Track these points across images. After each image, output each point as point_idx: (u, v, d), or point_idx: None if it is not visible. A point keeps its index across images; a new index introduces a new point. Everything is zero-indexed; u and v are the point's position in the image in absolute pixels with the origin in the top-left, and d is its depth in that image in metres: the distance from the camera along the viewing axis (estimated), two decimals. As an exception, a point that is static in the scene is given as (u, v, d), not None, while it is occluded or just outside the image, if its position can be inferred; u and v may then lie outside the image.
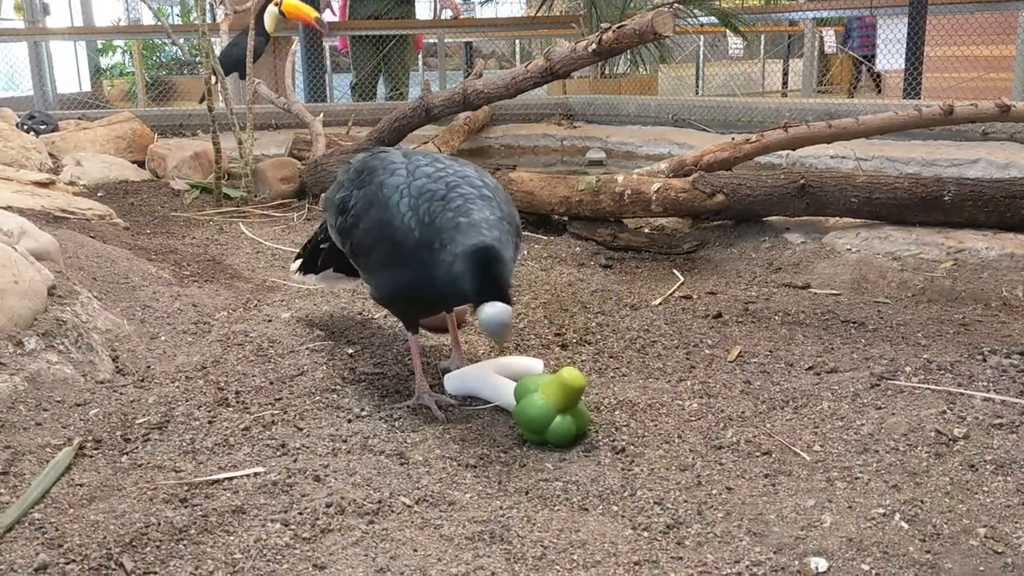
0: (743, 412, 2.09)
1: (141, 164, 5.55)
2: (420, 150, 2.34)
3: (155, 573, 1.48)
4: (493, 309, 1.89)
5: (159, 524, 1.60)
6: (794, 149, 4.11)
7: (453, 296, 2.11)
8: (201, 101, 4.72)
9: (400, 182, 2.09)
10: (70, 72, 10.71)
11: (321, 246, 2.50)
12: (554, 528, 1.60)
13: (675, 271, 3.35)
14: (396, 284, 2.12)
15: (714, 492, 1.73)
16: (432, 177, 2.08)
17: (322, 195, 2.43)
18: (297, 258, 2.68)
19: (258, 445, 1.93)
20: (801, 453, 1.88)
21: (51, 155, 5.26)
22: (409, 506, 1.69)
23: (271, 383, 2.26)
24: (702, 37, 10.59)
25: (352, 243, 2.21)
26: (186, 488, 1.74)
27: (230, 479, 1.78)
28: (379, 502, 1.69)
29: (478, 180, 2.10)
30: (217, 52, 6.08)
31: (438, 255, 1.97)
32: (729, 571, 1.46)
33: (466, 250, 1.93)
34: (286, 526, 1.61)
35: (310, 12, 6.31)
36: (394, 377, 2.33)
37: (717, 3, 8.41)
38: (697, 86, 10.64)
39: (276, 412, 2.09)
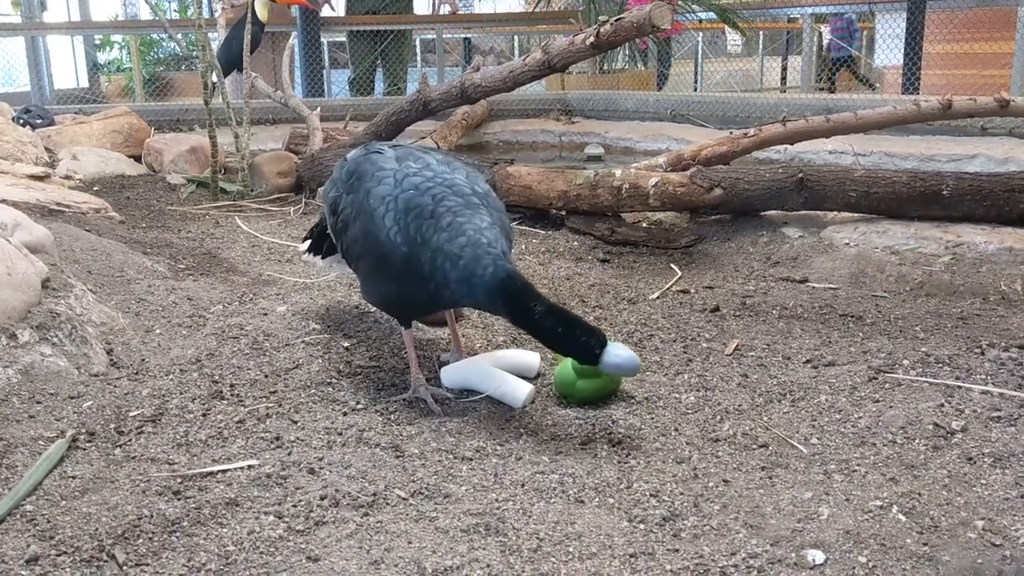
0: (740, 405, 2.08)
1: (137, 158, 5.54)
2: (414, 148, 2.29)
3: (147, 565, 1.47)
4: (620, 353, 1.89)
5: (152, 516, 1.59)
6: (792, 144, 4.10)
7: (447, 305, 2.13)
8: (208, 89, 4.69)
9: (386, 192, 2.06)
10: (67, 68, 10.68)
11: (327, 232, 2.51)
12: (550, 520, 1.59)
13: (673, 265, 3.34)
14: (385, 293, 2.16)
15: (711, 484, 1.72)
16: (420, 189, 2.05)
17: (319, 188, 2.44)
18: (306, 238, 2.70)
19: (252, 438, 1.92)
20: (798, 446, 1.87)
21: (47, 149, 5.25)
22: (404, 499, 1.68)
23: (266, 376, 2.25)
24: (701, 34, 10.58)
25: (344, 246, 2.23)
26: (179, 480, 1.73)
27: (224, 471, 1.77)
28: (374, 495, 1.68)
29: (467, 188, 2.08)
30: (215, 47, 6.06)
31: (438, 272, 1.97)
32: (725, 563, 1.45)
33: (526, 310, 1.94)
34: (280, 518, 1.60)
35: None
36: (390, 370, 2.32)
37: (716, -1, 8.38)
38: (696, 82, 10.62)
39: (271, 405, 2.08)
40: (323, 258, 2.59)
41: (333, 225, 2.25)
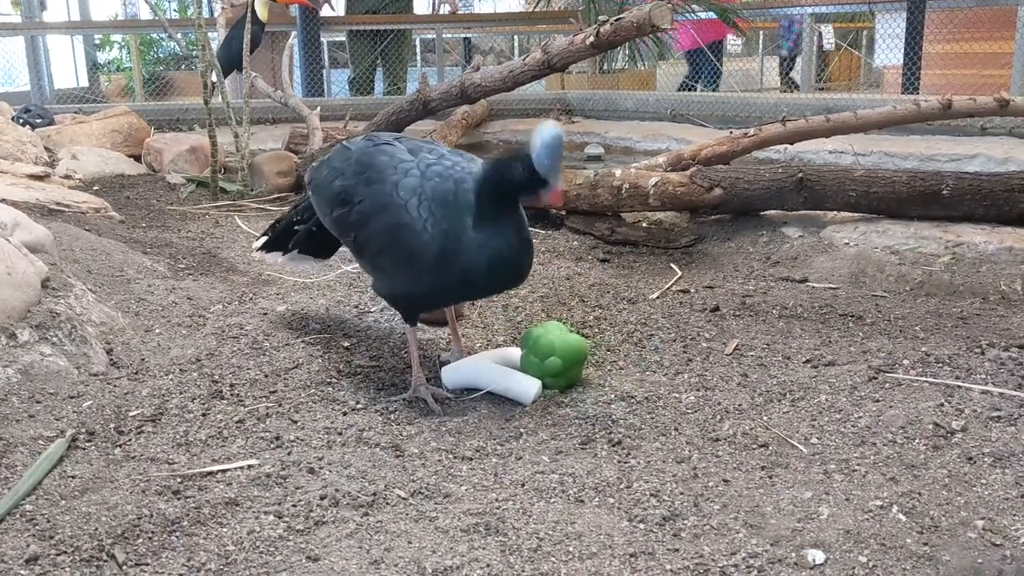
0: (740, 405, 2.08)
1: (137, 158, 5.54)
2: (418, 140, 2.30)
3: (147, 565, 1.47)
4: (545, 130, 1.97)
5: (152, 516, 1.59)
6: (792, 143, 4.09)
7: (468, 293, 2.16)
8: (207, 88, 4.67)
9: (415, 184, 2.05)
10: (67, 67, 10.66)
11: (296, 227, 2.49)
12: (550, 520, 1.59)
13: (673, 265, 3.34)
14: (408, 287, 2.14)
15: (711, 484, 1.71)
16: (443, 176, 2.06)
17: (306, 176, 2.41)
18: (263, 235, 2.68)
19: (252, 438, 1.92)
20: (798, 446, 1.87)
21: (47, 149, 5.24)
22: (404, 498, 1.68)
23: (266, 376, 2.25)
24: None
25: (357, 239, 2.18)
26: (179, 480, 1.73)
27: (224, 471, 1.77)
28: (374, 494, 1.68)
29: (476, 168, 2.11)
30: (214, 47, 6.06)
31: (455, 255, 1.99)
32: (726, 563, 1.45)
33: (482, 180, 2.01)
34: (280, 518, 1.60)
35: None
36: (390, 370, 2.32)
37: (715, -2, 8.37)
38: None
39: (271, 405, 2.08)
40: (284, 254, 2.56)
41: (342, 217, 2.19)
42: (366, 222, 2.12)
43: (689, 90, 7.84)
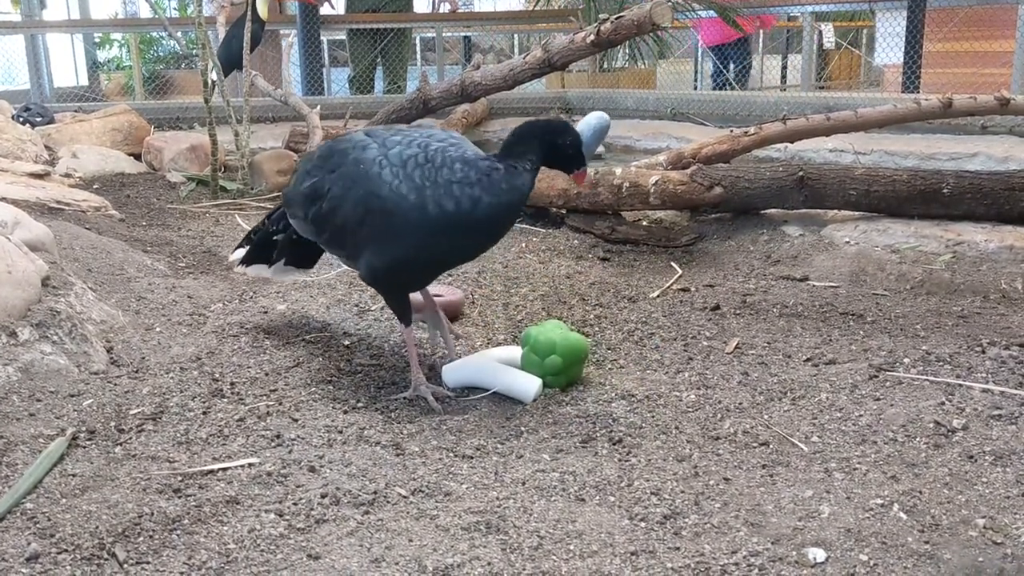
0: (741, 403, 2.08)
1: (137, 157, 5.54)
2: (378, 126, 2.32)
3: (148, 563, 1.47)
4: (598, 116, 2.03)
5: (152, 514, 1.59)
6: (792, 142, 4.09)
7: (454, 247, 2.10)
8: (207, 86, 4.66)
9: (375, 155, 2.08)
10: (67, 66, 10.67)
11: (274, 238, 2.47)
12: (551, 518, 1.59)
13: (673, 264, 3.34)
14: (391, 255, 2.09)
15: (711, 483, 1.71)
16: (404, 143, 2.09)
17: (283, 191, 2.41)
18: (239, 247, 2.64)
19: (253, 436, 1.92)
20: (799, 444, 1.87)
21: (47, 147, 5.24)
22: (405, 497, 1.68)
23: (266, 374, 2.25)
24: (701, 31, 10.54)
25: (332, 228, 2.17)
26: (180, 478, 1.73)
27: (224, 470, 1.77)
28: (374, 493, 1.68)
29: (443, 134, 2.15)
30: (214, 45, 6.06)
31: (453, 202, 1.99)
32: (726, 562, 1.45)
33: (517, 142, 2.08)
34: (280, 516, 1.60)
35: None
36: (391, 368, 2.32)
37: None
38: (696, 80, 10.60)
39: (271, 403, 2.08)
40: (269, 266, 2.52)
41: (316, 213, 2.18)
42: (339, 205, 2.12)
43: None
